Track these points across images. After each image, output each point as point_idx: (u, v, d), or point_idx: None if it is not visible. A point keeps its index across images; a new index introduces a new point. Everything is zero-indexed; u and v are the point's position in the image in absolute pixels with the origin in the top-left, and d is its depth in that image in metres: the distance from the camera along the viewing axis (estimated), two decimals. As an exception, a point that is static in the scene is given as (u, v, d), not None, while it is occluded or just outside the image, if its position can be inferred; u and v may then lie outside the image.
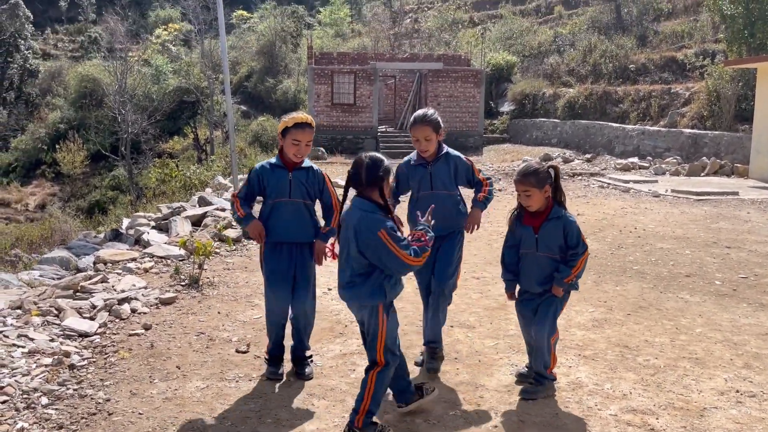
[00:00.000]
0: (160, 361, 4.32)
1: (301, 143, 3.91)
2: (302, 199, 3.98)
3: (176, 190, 15.43)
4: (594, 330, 5.01)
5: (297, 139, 3.89)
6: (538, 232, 3.72)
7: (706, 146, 17.16)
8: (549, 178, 3.64)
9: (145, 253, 7.21)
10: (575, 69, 25.47)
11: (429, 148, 4.06)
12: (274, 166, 4.01)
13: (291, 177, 3.97)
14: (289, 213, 3.96)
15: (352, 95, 25.23)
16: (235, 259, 7.34)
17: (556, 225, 3.67)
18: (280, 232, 3.97)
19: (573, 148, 22.11)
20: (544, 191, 3.63)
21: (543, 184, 3.61)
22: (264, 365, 4.21)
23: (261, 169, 4.02)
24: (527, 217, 3.76)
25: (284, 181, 3.96)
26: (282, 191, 3.96)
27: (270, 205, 3.99)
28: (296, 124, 3.89)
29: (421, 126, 4.03)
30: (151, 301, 5.54)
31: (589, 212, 10.54)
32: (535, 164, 3.69)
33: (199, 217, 9.13)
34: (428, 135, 4.03)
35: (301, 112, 4.02)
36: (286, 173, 3.97)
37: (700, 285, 6.32)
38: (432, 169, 4.11)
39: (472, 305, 5.61)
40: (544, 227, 3.70)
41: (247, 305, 5.60)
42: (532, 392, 3.80)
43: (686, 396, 3.85)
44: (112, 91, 27.78)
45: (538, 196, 3.64)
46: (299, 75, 35.24)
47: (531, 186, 3.62)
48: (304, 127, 3.90)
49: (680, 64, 21.80)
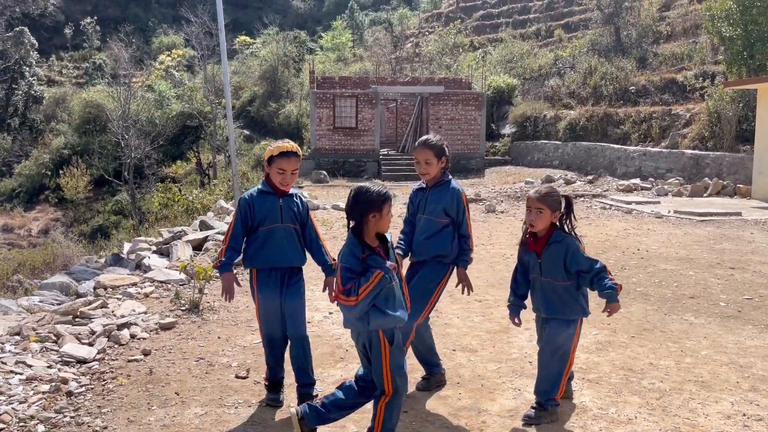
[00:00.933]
0: (158, 387, 4.28)
1: (286, 172, 3.90)
2: (292, 224, 3.98)
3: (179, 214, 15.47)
4: (598, 353, 4.95)
5: (282, 168, 3.89)
6: (541, 257, 3.72)
7: (708, 167, 17.17)
8: (560, 204, 3.69)
9: (145, 278, 7.18)
10: (576, 91, 25.62)
11: (429, 171, 4.07)
12: (262, 192, 3.99)
13: (281, 203, 3.96)
14: (283, 238, 3.94)
15: (354, 119, 25.38)
16: (236, 284, 7.29)
17: (558, 249, 3.67)
18: (275, 257, 3.95)
19: (575, 169, 22.13)
20: (554, 215, 3.68)
21: (556, 208, 3.67)
22: (264, 391, 4.16)
23: (250, 198, 3.98)
24: (531, 243, 3.79)
25: (275, 206, 3.95)
26: (274, 217, 3.95)
27: (264, 232, 3.95)
28: (281, 153, 3.88)
29: (423, 149, 4.06)
30: (151, 326, 5.50)
31: (591, 234, 10.50)
32: (552, 188, 3.77)
33: (200, 241, 9.13)
34: (429, 158, 4.04)
35: (287, 141, 3.99)
36: (276, 199, 3.96)
37: (705, 306, 6.27)
38: (429, 194, 4.13)
39: (474, 328, 5.56)
40: (545, 252, 3.71)
41: (247, 330, 5.56)
42: (535, 418, 3.74)
43: (693, 420, 3.79)
44: (116, 117, 28.00)
45: (547, 218, 3.68)
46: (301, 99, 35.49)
47: (545, 205, 3.66)
48: (290, 156, 3.89)
49: (680, 86, 21.90)
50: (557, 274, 3.67)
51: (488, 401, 4.08)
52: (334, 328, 5.57)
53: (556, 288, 3.69)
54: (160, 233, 10.45)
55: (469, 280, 4.18)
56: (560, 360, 3.70)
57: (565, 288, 3.67)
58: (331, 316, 5.91)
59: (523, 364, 4.66)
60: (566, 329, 3.68)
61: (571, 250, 3.64)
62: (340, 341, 5.22)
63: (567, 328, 3.68)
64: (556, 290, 3.69)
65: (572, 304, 3.70)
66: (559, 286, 3.68)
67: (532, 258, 3.78)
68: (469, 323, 5.70)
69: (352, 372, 4.54)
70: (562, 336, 3.68)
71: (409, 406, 4.00)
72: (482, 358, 4.87)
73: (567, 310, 3.70)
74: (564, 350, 3.69)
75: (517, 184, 19.54)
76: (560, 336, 3.68)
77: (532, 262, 3.79)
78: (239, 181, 15.21)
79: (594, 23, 29.37)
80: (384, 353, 3.21)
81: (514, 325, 3.97)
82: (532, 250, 3.77)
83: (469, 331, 5.50)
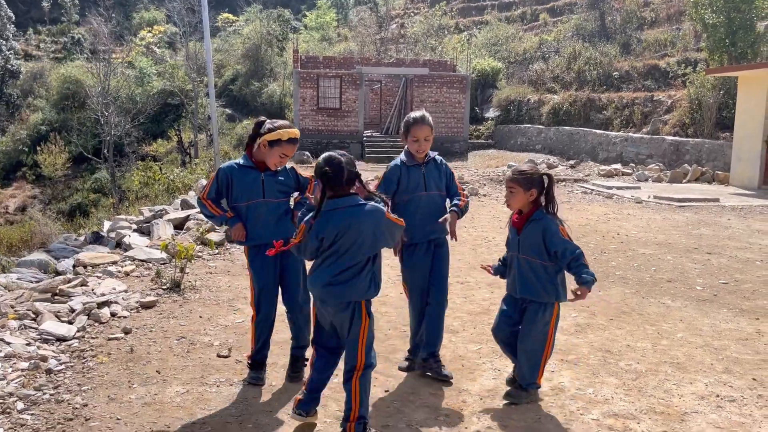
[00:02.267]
0: (139, 365, 4.27)
1: (287, 158, 3.89)
2: (276, 199, 3.94)
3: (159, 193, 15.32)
4: (576, 335, 5.02)
5: (286, 153, 3.87)
6: (521, 234, 3.72)
7: (688, 153, 17.37)
8: (538, 183, 3.65)
9: (126, 257, 7.13)
10: (560, 76, 25.67)
11: (427, 148, 4.13)
12: (243, 167, 3.95)
13: (264, 177, 3.93)
14: (266, 213, 3.92)
15: (337, 99, 25.23)
16: (218, 263, 7.28)
17: (535, 227, 3.65)
18: (260, 233, 3.93)
19: (557, 154, 22.25)
20: (529, 194, 3.64)
21: (529, 187, 3.63)
22: (246, 370, 4.17)
23: (230, 170, 3.96)
24: (515, 218, 3.79)
25: (257, 182, 3.92)
26: (255, 192, 3.92)
27: (244, 208, 3.94)
28: (290, 139, 3.84)
29: (423, 126, 4.07)
30: (132, 304, 5.48)
31: (572, 218, 10.60)
32: (529, 168, 3.72)
33: (181, 220, 9.06)
34: (428, 135, 4.10)
35: (290, 125, 3.93)
36: (258, 174, 3.93)
37: (682, 290, 6.37)
38: (425, 171, 4.14)
39: (455, 310, 5.61)
40: (525, 229, 3.70)
41: (229, 309, 5.55)
42: (515, 397, 3.80)
43: (667, 400, 3.88)
44: (95, 93, 27.54)
45: (520, 197, 3.66)
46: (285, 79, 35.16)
47: (517, 184, 3.65)
48: (295, 143, 3.88)
49: (663, 72, 22.04)
50: (535, 252, 3.65)
51: (468, 381, 4.13)
52: (316, 308, 5.59)
53: (533, 265, 3.67)
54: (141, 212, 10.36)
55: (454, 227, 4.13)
56: (539, 346, 3.72)
57: (543, 267, 3.66)
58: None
59: (503, 345, 4.71)
60: (543, 314, 3.68)
61: (548, 231, 3.60)
62: (322, 321, 5.24)
63: (544, 312, 3.68)
64: (533, 268, 3.67)
65: (547, 285, 3.67)
66: (537, 264, 3.66)
67: (513, 233, 3.78)
68: (451, 304, 5.71)
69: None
70: (539, 320, 3.69)
71: (390, 386, 4.04)
72: (463, 339, 4.92)
73: (541, 291, 3.67)
74: (543, 336, 3.71)
75: (499, 167, 19.61)
76: (537, 320, 3.69)
77: (512, 237, 3.79)
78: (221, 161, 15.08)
79: (579, 8, 29.38)
80: (364, 326, 3.25)
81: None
82: (515, 225, 3.78)
83: (450, 312, 5.51)
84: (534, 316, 3.69)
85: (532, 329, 3.70)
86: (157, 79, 33.17)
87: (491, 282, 6.29)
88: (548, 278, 3.67)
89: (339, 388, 3.50)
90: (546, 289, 3.68)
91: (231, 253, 7.72)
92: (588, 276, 3.52)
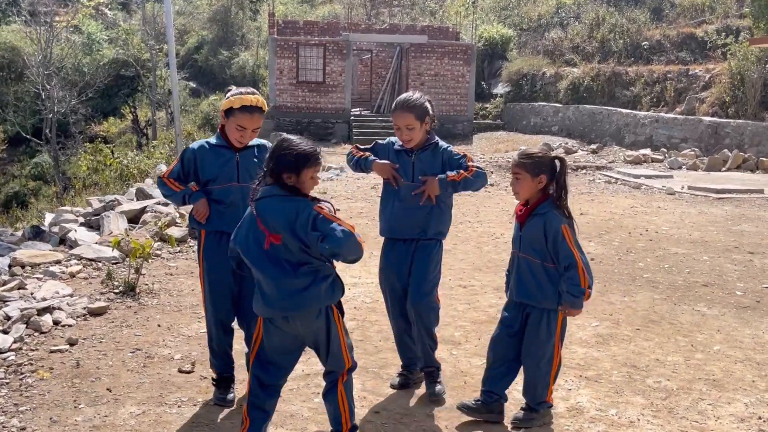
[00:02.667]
0: (87, 382, 4.26)
1: (246, 130, 3.85)
2: (252, 184, 3.94)
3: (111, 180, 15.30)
4: (597, 347, 5.05)
5: (242, 125, 3.82)
6: (522, 229, 3.73)
7: (728, 137, 17.46)
8: (549, 169, 3.64)
9: (71, 255, 7.12)
10: (580, 45, 25.72)
11: (412, 137, 4.03)
12: (215, 147, 3.95)
13: (239, 158, 3.92)
14: (239, 199, 3.90)
15: (320, 72, 25.17)
16: (179, 263, 7.27)
17: (539, 222, 3.64)
18: (228, 221, 3.87)
19: (576, 137, 22.33)
20: (537, 181, 3.63)
21: (538, 172, 3.62)
22: (211, 388, 4.17)
23: (199, 150, 3.96)
24: (518, 211, 3.79)
25: (231, 163, 3.92)
26: (229, 175, 3.92)
27: (216, 191, 3.94)
28: (243, 107, 3.80)
29: (402, 113, 3.98)
30: (78, 311, 5.47)
31: (593, 211, 10.65)
32: (538, 150, 3.72)
33: (136, 212, 9.04)
34: (410, 123, 3.97)
35: (250, 91, 3.89)
36: (232, 154, 3.92)
37: (720, 296, 6.42)
38: (415, 159, 4.10)
39: (457, 318, 5.63)
40: (527, 224, 3.70)
41: (192, 317, 5.55)
42: (525, 420, 3.82)
43: (702, 423, 3.91)
44: (35, 63, 27.32)
45: (528, 184, 3.65)
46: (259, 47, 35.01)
47: (523, 170, 3.64)
48: (253, 111, 3.82)
49: (700, 42, 22.14)
50: (535, 251, 3.66)
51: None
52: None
53: (532, 266, 3.67)
54: (89, 202, 10.34)
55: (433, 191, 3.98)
56: (545, 361, 3.74)
57: (543, 268, 3.66)
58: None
59: (512, 359, 4.74)
60: (547, 324, 3.69)
61: (548, 227, 3.59)
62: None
63: (548, 322, 3.69)
64: (532, 269, 3.68)
65: (547, 289, 3.66)
66: (536, 264, 3.66)
67: (516, 229, 3.79)
68: (452, 312, 5.76)
69: (314, 366, 4.57)
70: (542, 331, 3.70)
71: (381, 407, 4.05)
72: (466, 352, 4.93)
73: (540, 296, 3.67)
74: (549, 349, 3.73)
75: (510, 152, 19.66)
76: (541, 331, 3.70)
77: (516, 233, 3.79)
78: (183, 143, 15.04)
79: (603, -34, 29.41)
80: (340, 327, 3.31)
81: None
82: (518, 220, 3.78)
83: (451, 321, 5.56)
84: (537, 326, 3.71)
85: (536, 341, 3.71)
86: (109, 47, 32.94)
87: (499, 286, 6.32)
88: (549, 281, 3.66)
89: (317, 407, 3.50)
90: (546, 293, 3.67)
91: (195, 252, 7.70)
92: (568, 296, 3.57)
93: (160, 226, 7.94)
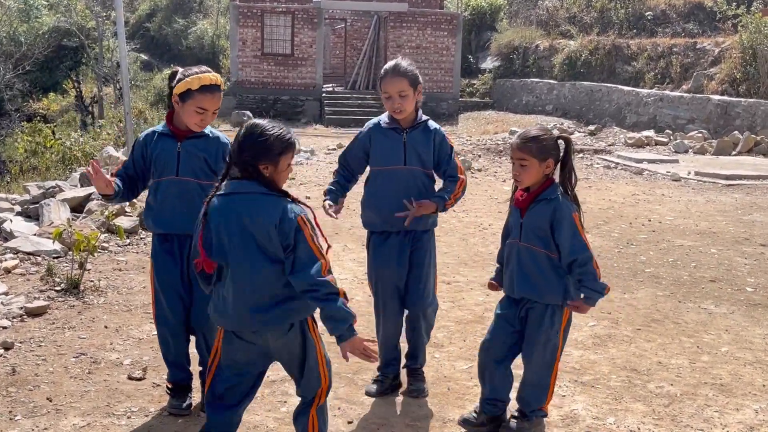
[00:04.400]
0: (24, 391, 4.23)
1: (206, 112, 3.81)
2: (194, 178, 3.88)
3: (52, 164, 15.12)
4: (595, 349, 5.10)
5: (203, 106, 3.78)
6: (525, 216, 3.72)
7: (739, 117, 17.65)
8: (555, 150, 3.65)
9: (6, 248, 7.07)
10: (577, 15, 25.86)
11: (405, 106, 4.06)
12: (161, 135, 3.94)
13: (180, 148, 3.88)
14: (176, 196, 3.87)
15: (288, 43, 25.05)
16: (129, 257, 7.22)
17: (544, 210, 3.64)
18: (166, 220, 3.89)
19: (573, 117, 22.46)
20: (545, 165, 3.62)
21: (545, 156, 3.61)
22: (165, 396, 4.15)
23: (146, 138, 3.95)
24: (519, 197, 3.77)
25: (171, 153, 3.88)
26: (168, 167, 3.88)
27: (154, 186, 3.94)
28: (203, 87, 3.76)
29: (394, 78, 4.03)
30: (14, 311, 5.42)
31: (591, 199, 10.72)
32: (541, 131, 3.69)
33: (81, 200, 8.96)
34: (403, 89, 4.02)
35: (205, 69, 3.87)
36: (174, 144, 3.89)
37: (728, 292, 6.51)
38: (407, 138, 4.11)
39: (441, 317, 5.62)
40: (530, 210, 3.68)
41: (144, 317, 5.52)
42: (516, 429, 3.84)
43: (708, 431, 3.97)
44: (-36, 31, 26.92)
45: (535, 170, 3.62)
46: (219, 15, 34.78)
47: (529, 154, 3.60)
48: (213, 90, 3.79)
49: (708, 13, 22.35)
50: (539, 240, 3.66)
51: (456, 408, 4.16)
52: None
53: (537, 256, 3.67)
54: (27, 189, 10.22)
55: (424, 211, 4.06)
56: (547, 361, 3.75)
57: (548, 259, 3.66)
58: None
59: (501, 362, 4.76)
60: (551, 320, 3.70)
61: (558, 215, 3.59)
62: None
63: (552, 318, 3.70)
64: (536, 260, 3.67)
65: (553, 282, 3.67)
66: (541, 254, 3.66)
67: (516, 216, 3.76)
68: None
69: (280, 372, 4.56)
70: (545, 329, 3.71)
71: (354, 415, 4.05)
72: (449, 355, 4.95)
73: (545, 289, 3.67)
74: (551, 348, 3.74)
75: (499, 134, 19.75)
76: (544, 329, 3.71)
77: (514, 220, 3.78)
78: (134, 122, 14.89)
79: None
80: (317, 343, 3.23)
81: (491, 289, 4.04)
82: (518, 206, 3.75)
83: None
84: (539, 323, 3.70)
85: (537, 340, 3.72)
86: (49, 14, 32.51)
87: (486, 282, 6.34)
88: (555, 273, 3.67)
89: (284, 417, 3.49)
90: (551, 286, 3.68)
91: (147, 244, 7.65)
92: (595, 294, 3.59)
93: (107, 215, 7.87)
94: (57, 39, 30.60)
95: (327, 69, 27.77)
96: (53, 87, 31.36)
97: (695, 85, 19.66)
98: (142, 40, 35.67)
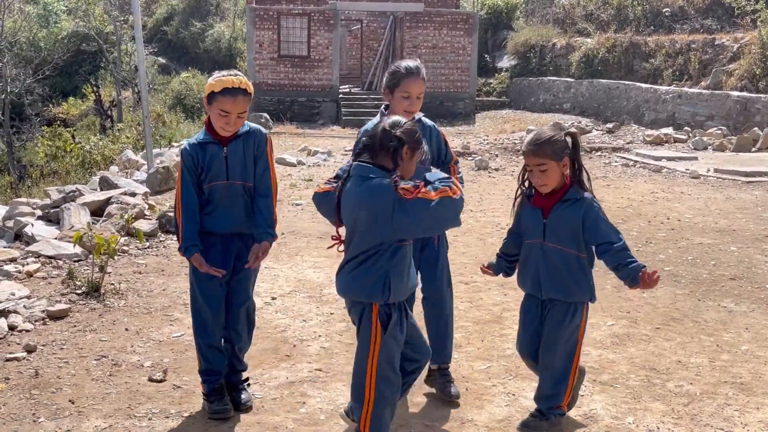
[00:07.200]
0: (47, 393, 4.27)
1: (230, 115, 3.85)
2: (242, 181, 3.98)
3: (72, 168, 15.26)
4: (613, 348, 5.08)
5: (225, 109, 3.82)
6: (548, 217, 3.72)
7: (759, 113, 17.49)
8: (567, 148, 3.66)
9: (28, 252, 7.11)
10: (594, 13, 25.73)
11: (417, 108, 4.20)
12: (203, 143, 3.97)
13: (226, 153, 3.94)
14: (228, 198, 3.95)
15: (305, 45, 25.10)
16: (149, 260, 7.27)
17: (574, 210, 3.65)
18: (216, 221, 3.95)
19: (591, 115, 22.35)
20: (562, 165, 3.63)
21: (561, 156, 3.62)
22: (185, 397, 4.18)
23: (192, 149, 3.96)
24: (537, 196, 3.78)
25: (219, 158, 3.94)
26: (218, 172, 3.94)
27: (207, 191, 3.97)
28: (225, 90, 3.81)
29: (418, 80, 4.14)
30: (37, 314, 5.46)
31: (610, 198, 10.67)
32: (549, 131, 3.71)
33: (101, 203, 9.03)
34: (421, 92, 4.17)
35: (233, 73, 3.93)
36: (219, 149, 3.94)
37: (749, 290, 6.46)
38: None
39: (458, 318, 5.63)
40: (555, 211, 3.69)
41: (164, 320, 5.56)
42: (533, 427, 3.84)
43: (728, 430, 3.94)
44: (-15, 37, 27.20)
45: (555, 172, 3.64)
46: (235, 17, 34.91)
47: (547, 158, 3.61)
48: (236, 93, 3.83)
49: (727, 9, 22.16)
50: (567, 240, 3.67)
51: (474, 409, 4.17)
52: (278, 317, 5.60)
53: (567, 257, 3.69)
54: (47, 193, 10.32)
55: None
56: (566, 357, 3.77)
57: (577, 259, 3.68)
58: (274, 302, 5.93)
59: (518, 362, 4.75)
60: (572, 316, 3.72)
61: (591, 215, 3.64)
62: (286, 334, 5.26)
63: (573, 315, 3.72)
64: (565, 260, 3.69)
65: (581, 281, 3.71)
66: (571, 255, 3.68)
67: (535, 216, 3.76)
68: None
69: (299, 373, 4.60)
70: (567, 326, 3.72)
71: (373, 416, 4.06)
72: (468, 355, 4.95)
73: (574, 289, 3.70)
74: (571, 344, 3.75)
75: (516, 133, 19.68)
76: (565, 326, 3.72)
77: (534, 221, 3.77)
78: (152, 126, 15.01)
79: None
80: (374, 339, 3.23)
81: (482, 271, 4.09)
82: (539, 206, 3.75)
83: (451, 321, 5.58)
84: (561, 320, 3.72)
85: (559, 337, 3.73)
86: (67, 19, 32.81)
87: (504, 282, 6.33)
88: (582, 272, 3.71)
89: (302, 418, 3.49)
90: (581, 286, 3.72)
91: (166, 247, 7.71)
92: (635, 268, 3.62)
93: (126, 219, 7.93)
94: (76, 44, 30.90)
95: (343, 70, 27.79)
96: (72, 91, 31.62)
97: (714, 81, 19.51)
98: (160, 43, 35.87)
